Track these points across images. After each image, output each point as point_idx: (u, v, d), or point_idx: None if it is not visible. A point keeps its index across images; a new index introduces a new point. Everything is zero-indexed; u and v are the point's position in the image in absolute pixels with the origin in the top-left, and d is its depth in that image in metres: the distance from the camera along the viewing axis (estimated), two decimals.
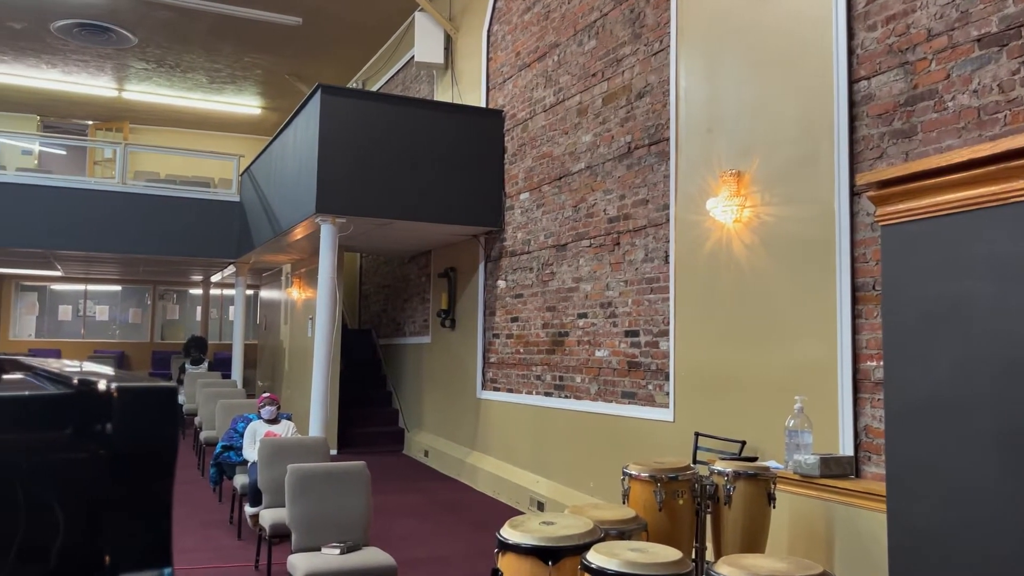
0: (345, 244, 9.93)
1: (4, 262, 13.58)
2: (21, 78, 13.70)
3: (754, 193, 5.01)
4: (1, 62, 12.99)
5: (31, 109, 15.54)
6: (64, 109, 15.56)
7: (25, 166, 14.42)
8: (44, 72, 13.49)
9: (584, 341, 6.71)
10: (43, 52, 12.55)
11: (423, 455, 9.91)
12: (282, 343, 13.21)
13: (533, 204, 7.67)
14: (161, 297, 18.17)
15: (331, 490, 4.36)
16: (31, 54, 12.63)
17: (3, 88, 14.19)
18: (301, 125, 8.44)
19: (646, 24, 6.17)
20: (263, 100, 14.98)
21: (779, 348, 4.72)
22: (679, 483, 3.60)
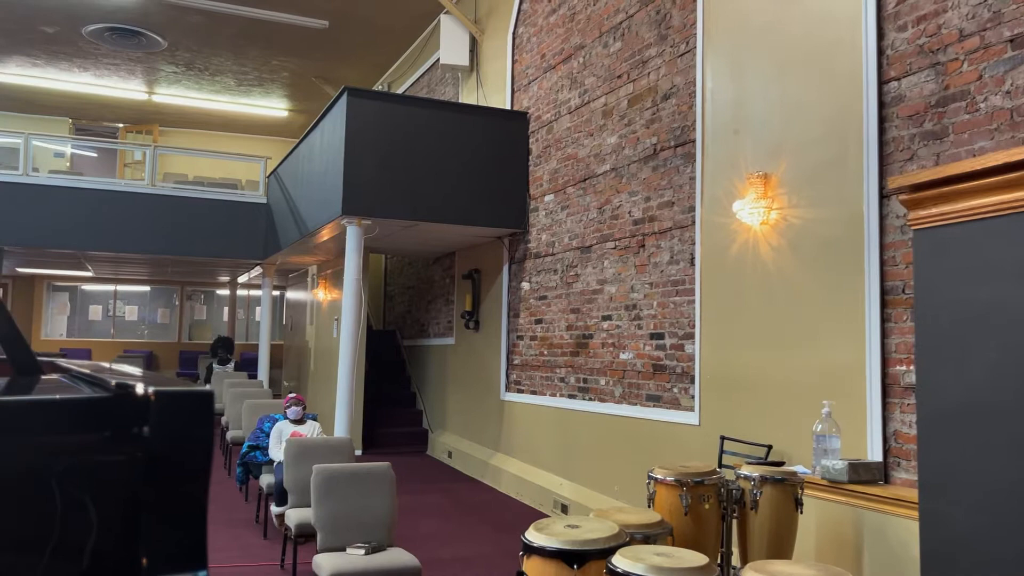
0: (370, 246, 9.99)
1: (37, 263, 13.81)
2: (54, 81, 13.93)
3: (781, 195, 4.97)
4: (34, 66, 13.22)
5: (63, 112, 15.80)
6: (95, 112, 15.80)
7: (57, 168, 14.66)
8: (76, 75, 13.71)
9: (608, 343, 6.69)
10: (75, 56, 12.75)
11: (447, 456, 9.94)
12: (308, 343, 13.31)
13: (558, 206, 7.66)
14: (189, 298, 18.38)
15: (356, 490, 4.38)
16: (64, 58, 12.84)
17: (36, 91, 14.44)
18: (327, 127, 8.49)
19: (672, 25, 6.14)
20: (290, 103, 15.11)
21: (806, 352, 4.67)
22: (705, 487, 3.57)
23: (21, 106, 15.33)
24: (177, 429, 0.69)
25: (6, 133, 13.43)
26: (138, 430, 0.70)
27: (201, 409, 0.70)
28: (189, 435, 0.70)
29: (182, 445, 0.70)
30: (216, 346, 13.76)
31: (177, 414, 0.70)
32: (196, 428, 0.70)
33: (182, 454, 0.69)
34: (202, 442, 0.70)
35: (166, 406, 0.69)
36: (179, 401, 0.70)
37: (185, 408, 0.70)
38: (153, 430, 0.69)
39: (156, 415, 0.69)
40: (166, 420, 0.69)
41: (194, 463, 0.70)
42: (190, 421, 0.70)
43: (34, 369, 1.01)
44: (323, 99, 13.99)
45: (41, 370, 1.00)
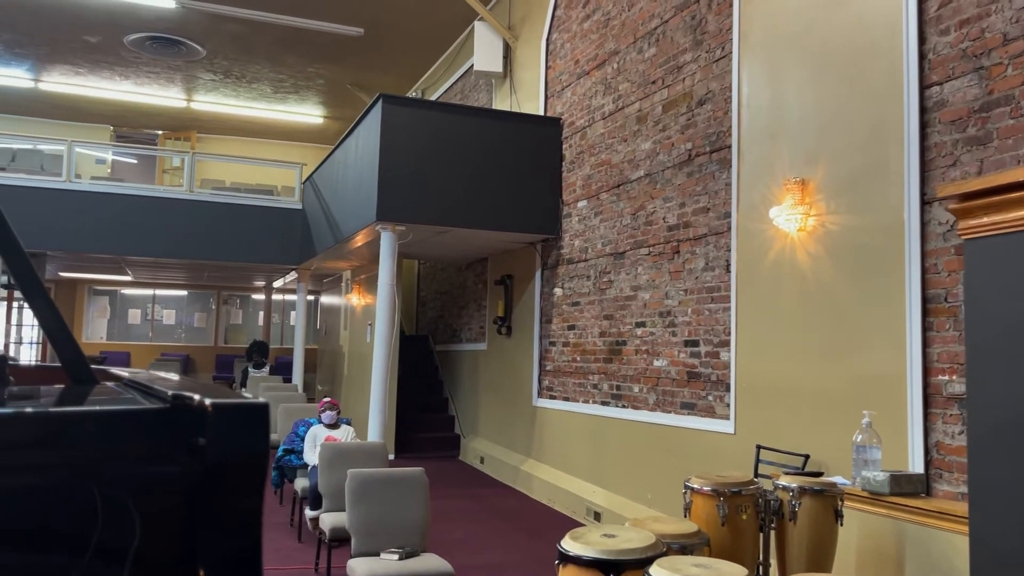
0: (404, 251, 10.04)
1: (78, 267, 14.10)
2: (96, 90, 14.23)
3: (819, 201, 4.91)
4: (78, 74, 13.51)
5: (105, 120, 16.12)
6: (136, 119, 16.10)
7: (99, 175, 14.96)
8: (118, 84, 13.99)
9: (642, 350, 6.65)
10: (117, 64, 13.01)
11: (479, 461, 9.94)
12: (341, 348, 13.41)
13: (591, 212, 7.64)
14: (225, 302, 18.63)
15: (390, 496, 4.40)
16: (106, 67, 13.11)
17: (79, 99, 14.75)
18: (362, 134, 8.57)
19: (707, 31, 6.10)
20: (325, 109, 15.27)
21: (845, 360, 4.60)
22: (743, 498, 3.53)
23: (65, 114, 15.68)
24: (234, 441, 0.70)
25: (51, 140, 13.74)
26: (194, 441, 0.71)
27: (258, 421, 0.71)
28: (246, 447, 0.70)
29: (238, 457, 0.70)
30: (251, 350, 13.91)
31: (234, 426, 0.70)
32: (253, 440, 0.71)
33: (238, 466, 0.70)
34: (258, 454, 0.71)
35: (223, 418, 0.70)
36: (236, 413, 0.71)
37: (242, 420, 0.71)
38: (210, 441, 0.70)
39: (213, 427, 0.70)
40: (223, 432, 0.70)
41: (250, 475, 0.71)
42: (247, 433, 0.71)
43: (89, 378, 1.03)
44: (358, 106, 14.11)
45: (96, 379, 1.02)
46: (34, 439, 0.69)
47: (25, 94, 14.46)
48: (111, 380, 1.13)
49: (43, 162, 13.73)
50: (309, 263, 12.11)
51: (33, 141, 14.10)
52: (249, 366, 13.53)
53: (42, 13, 10.94)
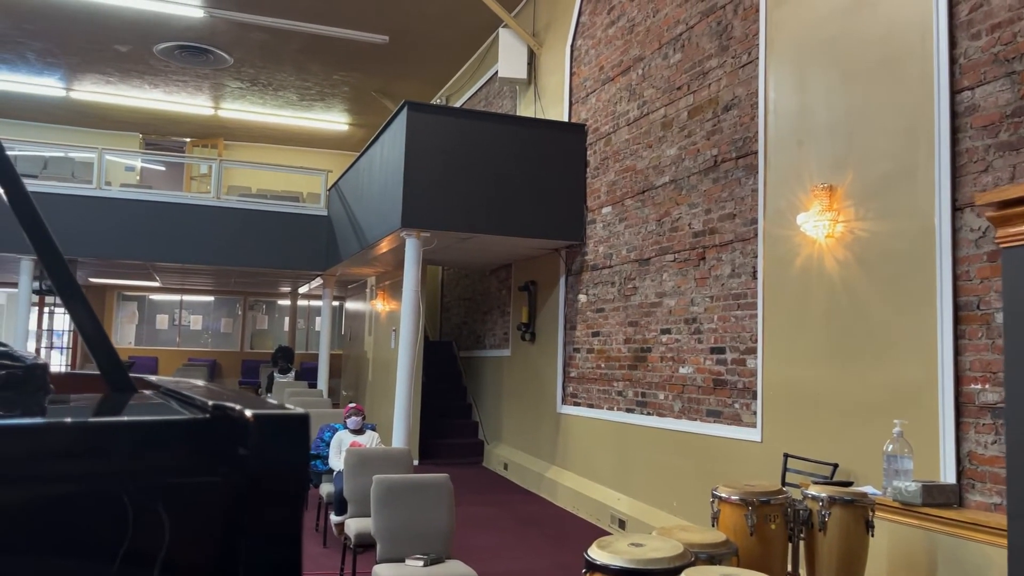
0: (428, 257, 10.07)
1: (108, 273, 14.30)
2: (126, 98, 14.44)
3: (847, 207, 4.86)
4: (108, 83, 13.72)
5: (134, 127, 16.35)
6: (164, 127, 16.32)
7: (128, 182, 15.17)
8: (147, 92, 14.18)
9: (667, 357, 6.62)
10: (146, 73, 13.19)
11: (502, 468, 9.93)
12: (366, 354, 13.47)
13: (615, 218, 7.62)
14: (251, 308, 18.79)
15: (415, 502, 4.41)
16: (135, 75, 13.30)
17: (109, 108, 14.98)
18: (388, 141, 8.61)
19: (734, 36, 6.07)
20: (350, 116, 15.37)
21: (874, 368, 4.55)
22: (771, 507, 3.49)
23: (95, 122, 15.92)
24: (274, 451, 0.70)
25: (82, 148, 13.96)
26: (235, 452, 0.71)
27: (298, 432, 0.71)
28: (286, 458, 0.71)
29: (279, 468, 0.71)
30: (277, 356, 14.02)
31: (274, 436, 0.70)
32: (293, 451, 0.71)
33: (279, 476, 0.70)
34: (299, 465, 0.71)
35: (264, 428, 0.70)
36: (277, 423, 0.71)
37: (283, 431, 0.71)
38: (250, 452, 0.70)
39: (254, 437, 0.70)
40: (264, 442, 0.70)
41: (290, 485, 0.71)
42: (287, 444, 0.71)
43: (127, 386, 1.04)
44: (382, 113, 14.20)
45: (134, 387, 1.03)
46: (75, 449, 0.70)
47: (57, 103, 14.70)
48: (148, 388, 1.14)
49: (74, 169, 13.96)
50: (334, 269, 12.18)
51: (64, 149, 14.33)
52: (275, 371, 13.63)
53: (74, 23, 11.13)
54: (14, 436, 0.69)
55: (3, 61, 12.64)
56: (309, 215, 12.37)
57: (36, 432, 0.70)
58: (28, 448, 0.69)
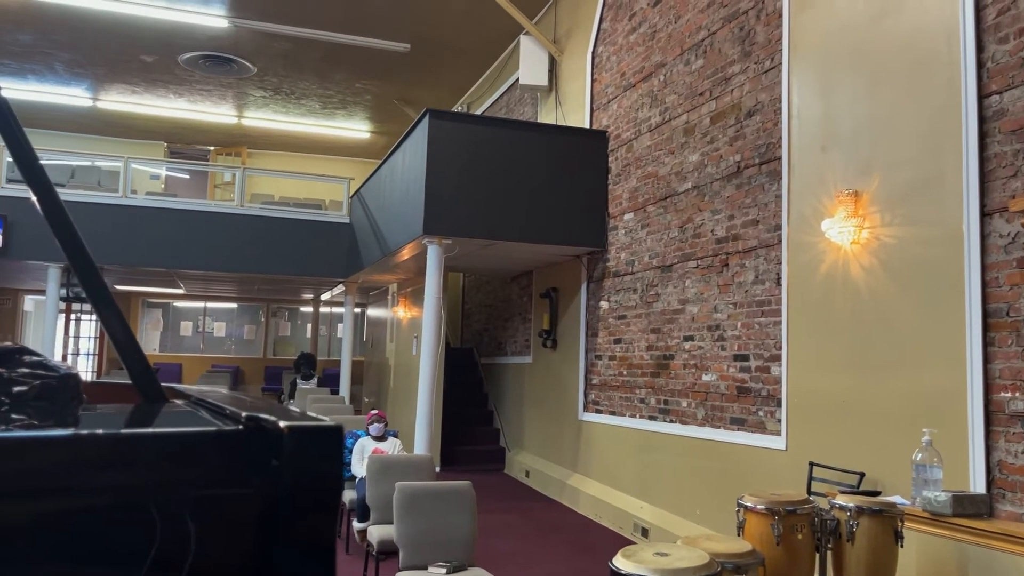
0: (449, 264, 10.09)
1: (133, 280, 14.46)
2: (151, 108, 14.62)
3: (873, 213, 4.81)
4: (134, 93, 13.90)
5: (159, 136, 16.55)
6: (188, 136, 16.50)
7: (153, 190, 15.35)
8: (172, 102, 14.35)
9: (690, 364, 6.58)
10: (171, 83, 13.35)
11: (524, 475, 9.91)
12: (387, 360, 13.51)
13: (637, 224, 7.60)
14: (274, 314, 18.93)
15: (438, 509, 4.41)
16: (160, 85, 13.47)
17: (135, 117, 15.17)
18: (409, 149, 8.65)
19: (756, 42, 6.04)
20: (372, 124, 15.46)
21: (901, 376, 4.49)
22: (798, 517, 3.45)
23: (121, 131, 16.13)
24: (308, 464, 0.70)
25: (108, 157, 14.15)
26: (268, 464, 0.71)
27: (332, 444, 0.71)
28: (320, 470, 0.71)
29: (313, 479, 0.71)
30: (300, 362, 14.10)
31: (308, 448, 0.70)
32: (327, 463, 0.71)
33: (313, 488, 0.70)
34: (333, 476, 0.71)
35: (298, 440, 0.70)
36: (311, 435, 0.71)
37: (316, 442, 0.71)
38: (284, 463, 0.70)
39: (288, 449, 0.70)
40: (297, 454, 0.70)
41: (324, 497, 0.71)
42: (321, 455, 0.71)
43: (159, 396, 1.05)
44: (404, 120, 14.26)
45: (166, 397, 1.04)
46: (107, 460, 0.70)
47: (84, 112, 14.92)
48: (179, 398, 1.15)
49: (100, 178, 14.14)
50: (356, 276, 12.24)
51: (91, 158, 14.53)
52: (297, 378, 13.71)
53: (101, 34, 11.29)
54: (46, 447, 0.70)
55: (32, 72, 12.85)
56: (331, 222, 12.44)
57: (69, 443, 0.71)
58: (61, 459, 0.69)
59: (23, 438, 0.70)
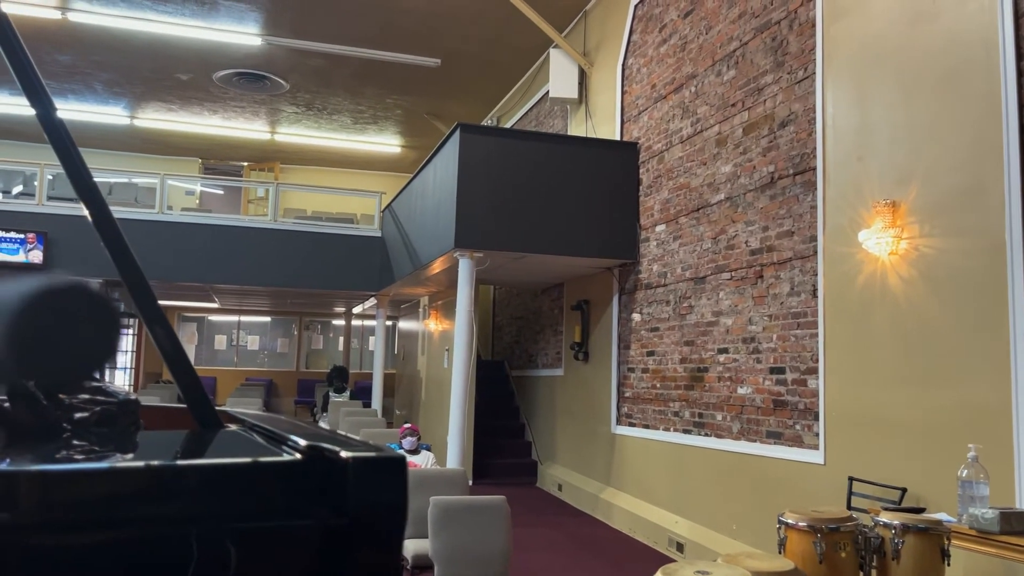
0: (480, 277, 10.11)
1: (169, 295, 14.67)
2: (187, 124, 14.87)
3: (912, 224, 4.74)
4: (170, 110, 14.16)
5: (194, 153, 16.82)
6: (223, 152, 16.75)
7: (188, 206, 15.59)
8: (206, 119, 14.59)
9: (725, 377, 6.51)
10: (206, 100, 13.58)
11: (556, 488, 9.86)
12: (419, 373, 13.55)
13: (669, 236, 7.56)
14: (306, 328, 19.09)
15: (472, 524, 4.40)
16: (195, 102, 13.70)
17: (171, 134, 15.44)
18: (440, 163, 8.69)
19: (789, 52, 5.99)
20: (402, 139, 15.58)
21: (943, 390, 4.40)
22: (841, 534, 3.39)
23: (157, 148, 16.42)
24: (373, 495, 0.70)
25: (145, 174, 14.41)
26: (330, 494, 0.71)
27: (396, 474, 0.71)
28: (385, 501, 0.70)
29: (377, 511, 0.70)
30: (332, 375, 14.19)
31: (373, 479, 0.70)
32: (392, 494, 0.71)
33: (377, 519, 0.70)
34: (397, 507, 0.71)
35: (362, 471, 0.70)
36: (375, 466, 0.71)
37: (381, 473, 0.71)
38: (349, 495, 0.70)
39: (352, 480, 0.70)
40: (362, 485, 0.70)
41: (389, 528, 0.71)
42: (385, 486, 0.70)
43: (214, 422, 1.06)
44: (434, 134, 14.35)
45: (221, 423, 1.05)
46: (169, 491, 0.70)
47: (122, 130, 15.21)
48: (233, 422, 1.16)
49: (137, 195, 14.40)
50: (388, 289, 12.31)
51: (128, 175, 14.81)
52: (330, 391, 13.79)
53: (139, 54, 11.52)
54: (111, 478, 0.71)
55: (72, 92, 13.14)
56: (363, 236, 12.54)
57: (132, 475, 0.71)
58: (122, 490, 0.70)
59: (83, 470, 0.71)
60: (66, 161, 1.20)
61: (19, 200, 12.47)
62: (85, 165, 1.22)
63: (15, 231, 10.76)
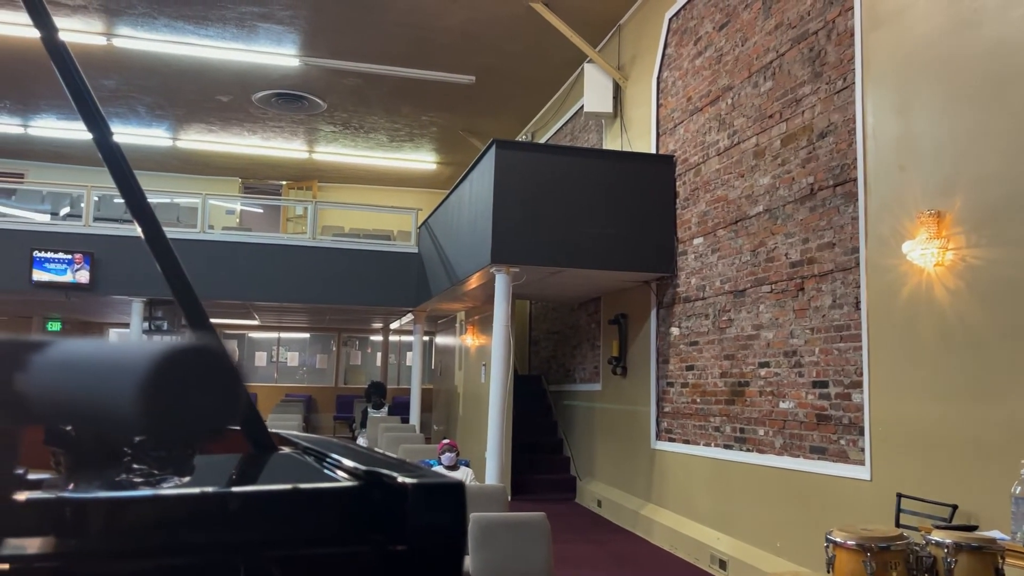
0: (516, 292, 10.11)
1: (210, 312, 14.83)
2: (227, 145, 15.15)
3: (958, 234, 4.64)
4: (211, 132, 14.44)
5: (234, 172, 17.12)
6: (262, 171, 17.02)
7: (228, 225, 15.85)
8: (246, 139, 14.85)
9: (767, 391, 6.42)
10: (245, 121, 13.83)
11: (596, 505, 9.79)
12: (456, 388, 13.57)
13: (708, 249, 7.49)
14: (345, 343, 19.25)
15: (513, 540, 4.38)
16: (235, 123, 13.96)
17: (211, 155, 15.74)
18: (476, 179, 8.74)
19: (827, 62, 5.93)
20: (438, 155, 15.70)
21: (993, 404, 4.29)
22: (891, 553, 3.32)
23: (198, 168, 16.74)
24: (432, 521, 0.70)
25: (187, 194, 14.70)
26: (390, 521, 0.71)
27: (456, 501, 0.70)
28: (445, 527, 0.70)
29: (437, 538, 0.70)
30: (370, 391, 14.27)
31: (432, 505, 0.70)
32: (451, 520, 0.70)
33: (436, 547, 0.70)
34: (457, 535, 0.71)
35: (422, 497, 0.70)
36: (434, 492, 0.71)
37: (441, 499, 0.71)
38: (408, 521, 0.70)
39: (412, 507, 0.70)
40: (422, 512, 0.70)
41: (448, 556, 0.71)
42: (445, 513, 0.70)
43: (268, 444, 1.07)
44: (469, 150, 14.44)
45: (275, 445, 1.06)
46: (230, 517, 0.71)
47: (164, 152, 15.54)
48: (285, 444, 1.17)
49: (179, 215, 14.69)
50: (424, 305, 12.37)
51: (170, 195, 15.11)
52: (368, 406, 13.87)
53: (182, 78, 11.79)
54: (172, 504, 0.71)
55: (117, 115, 13.47)
56: (400, 253, 12.63)
57: (193, 501, 0.72)
58: (183, 516, 0.70)
59: (148, 497, 0.72)
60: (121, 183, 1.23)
61: (66, 222, 12.80)
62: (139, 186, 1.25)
63: (63, 252, 11.03)
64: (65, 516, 0.66)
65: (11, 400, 0.53)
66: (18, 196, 14.77)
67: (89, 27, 10.16)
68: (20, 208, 14.35)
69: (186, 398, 0.43)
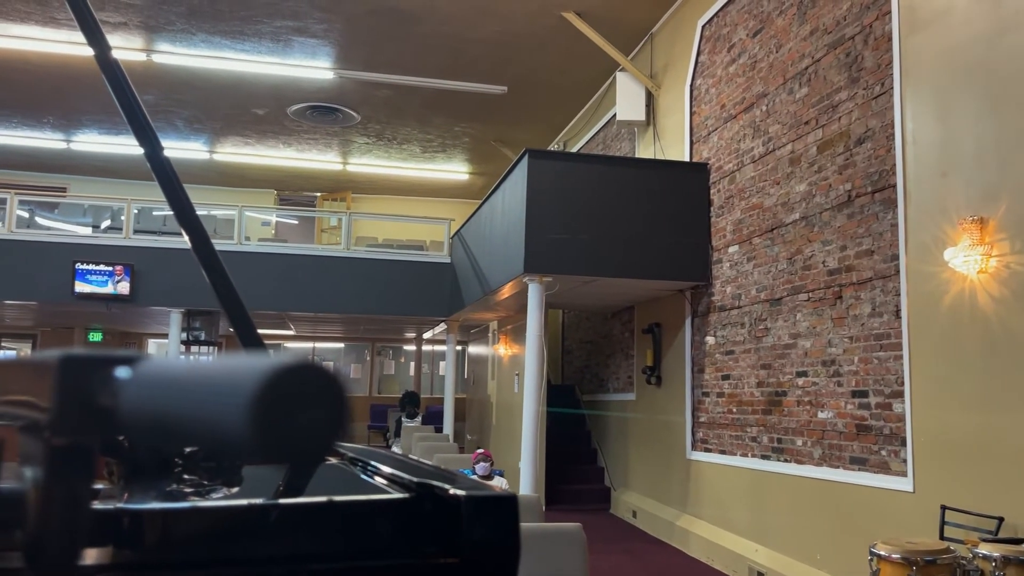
0: (549, 301, 10.09)
1: None
2: (263, 158, 15.36)
3: (1001, 241, 4.55)
4: (247, 144, 14.65)
5: (270, 184, 17.34)
6: (296, 183, 17.23)
7: (264, 236, 16.05)
8: (281, 151, 15.05)
9: (804, 401, 6.33)
10: (280, 133, 14.02)
11: (631, 515, 9.71)
12: (489, 398, 13.57)
13: (743, 257, 7.42)
14: (378, 353, 19.36)
15: (548, 551, 4.36)
16: (271, 135, 14.15)
17: (247, 167, 15.97)
18: (509, 188, 8.76)
19: (864, 67, 5.86)
20: (470, 166, 15.76)
21: None
22: (937, 567, 3.25)
23: (235, 181, 16.99)
24: (486, 534, 0.70)
25: (224, 206, 14.92)
26: (442, 533, 0.71)
27: (510, 514, 0.70)
28: (498, 540, 0.70)
29: (491, 551, 0.70)
30: (404, 401, 14.32)
31: (487, 518, 0.70)
32: (506, 533, 0.70)
33: (490, 560, 0.70)
34: (511, 548, 0.70)
35: (475, 509, 0.70)
36: (488, 504, 0.71)
37: (495, 512, 0.71)
38: (462, 534, 0.70)
39: (466, 519, 0.70)
40: (475, 524, 0.70)
41: (502, 569, 0.71)
42: (499, 525, 0.70)
43: None
44: (501, 160, 14.48)
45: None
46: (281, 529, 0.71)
47: (201, 164, 15.80)
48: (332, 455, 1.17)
49: (216, 227, 14.92)
50: (458, 315, 12.40)
51: (207, 207, 15.35)
52: (402, 416, 13.92)
53: (219, 92, 11.99)
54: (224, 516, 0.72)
55: (156, 129, 13.70)
56: (433, 263, 12.69)
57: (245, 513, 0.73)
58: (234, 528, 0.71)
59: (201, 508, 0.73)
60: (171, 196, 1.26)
61: (107, 234, 13.05)
62: (188, 199, 1.27)
63: (104, 264, 11.25)
64: (123, 527, 0.66)
65: (102, 417, 0.54)
66: (60, 209, 15.11)
67: (130, 43, 10.38)
68: (63, 221, 14.69)
69: (297, 417, 0.43)
